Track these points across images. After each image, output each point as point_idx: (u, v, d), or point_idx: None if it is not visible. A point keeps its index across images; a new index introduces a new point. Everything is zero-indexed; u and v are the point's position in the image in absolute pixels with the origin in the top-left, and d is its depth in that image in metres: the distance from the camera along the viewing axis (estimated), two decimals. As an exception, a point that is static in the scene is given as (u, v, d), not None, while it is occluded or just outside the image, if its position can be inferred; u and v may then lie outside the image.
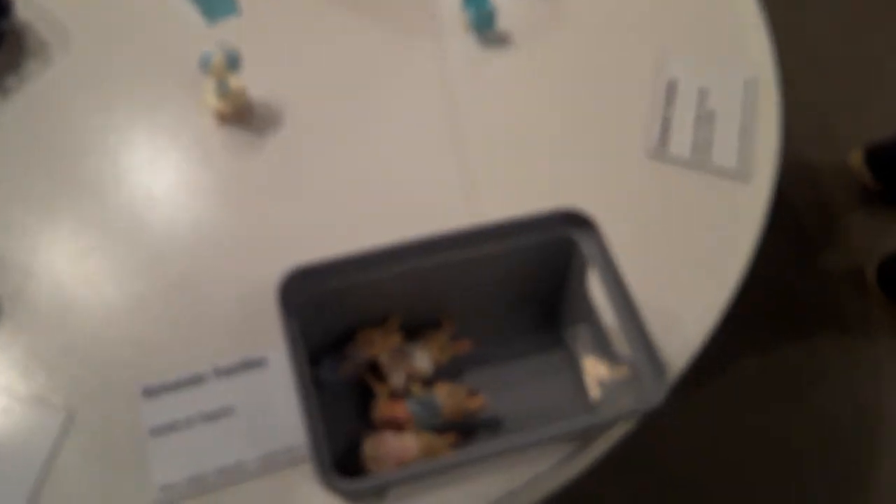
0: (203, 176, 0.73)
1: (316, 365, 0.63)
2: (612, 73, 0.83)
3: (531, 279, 0.65)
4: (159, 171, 0.73)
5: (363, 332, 0.63)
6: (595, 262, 0.60)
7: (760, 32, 0.87)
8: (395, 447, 0.58)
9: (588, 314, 0.63)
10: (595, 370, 0.64)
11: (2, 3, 0.75)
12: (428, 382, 0.63)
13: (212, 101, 0.73)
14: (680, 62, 0.83)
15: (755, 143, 0.79)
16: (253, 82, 0.75)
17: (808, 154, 1.55)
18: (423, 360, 0.63)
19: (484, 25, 0.83)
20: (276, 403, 0.63)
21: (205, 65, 0.71)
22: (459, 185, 0.74)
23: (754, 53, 0.85)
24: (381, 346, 0.62)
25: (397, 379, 0.61)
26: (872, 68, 1.68)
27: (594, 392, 0.63)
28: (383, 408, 0.61)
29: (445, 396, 0.61)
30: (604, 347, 0.62)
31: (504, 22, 0.84)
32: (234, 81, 0.73)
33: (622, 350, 0.59)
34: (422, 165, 0.75)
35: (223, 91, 0.73)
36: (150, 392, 0.64)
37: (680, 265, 0.71)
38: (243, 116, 0.75)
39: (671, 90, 0.82)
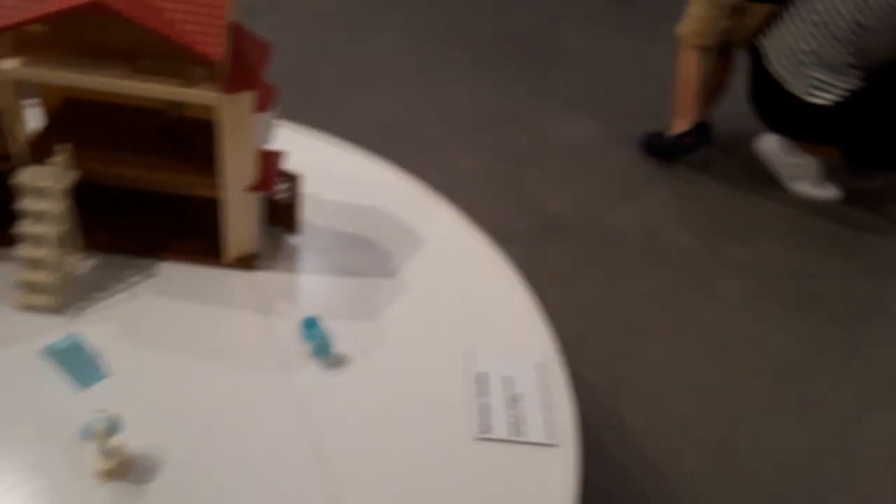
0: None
1: None
2: (433, 372, 0.97)
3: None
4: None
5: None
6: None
7: (540, 324, 1.08)
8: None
9: None
10: None
11: None
12: None
13: (93, 462, 0.79)
14: (485, 355, 1.00)
15: (556, 416, 0.94)
16: (129, 437, 0.81)
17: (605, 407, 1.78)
18: None
19: (321, 352, 0.98)
20: None
21: (87, 433, 0.79)
22: (325, 494, 0.85)
23: (539, 341, 1.05)
24: None
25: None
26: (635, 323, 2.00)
27: None
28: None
29: None
30: None
31: (338, 346, 0.98)
32: (114, 440, 0.80)
33: None
34: (288, 485, 0.84)
35: (104, 451, 0.80)
36: None
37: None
38: (123, 471, 0.81)
39: (482, 380, 0.98)
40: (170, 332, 0.98)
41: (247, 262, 1.08)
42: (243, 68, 0.93)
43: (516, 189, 2.40)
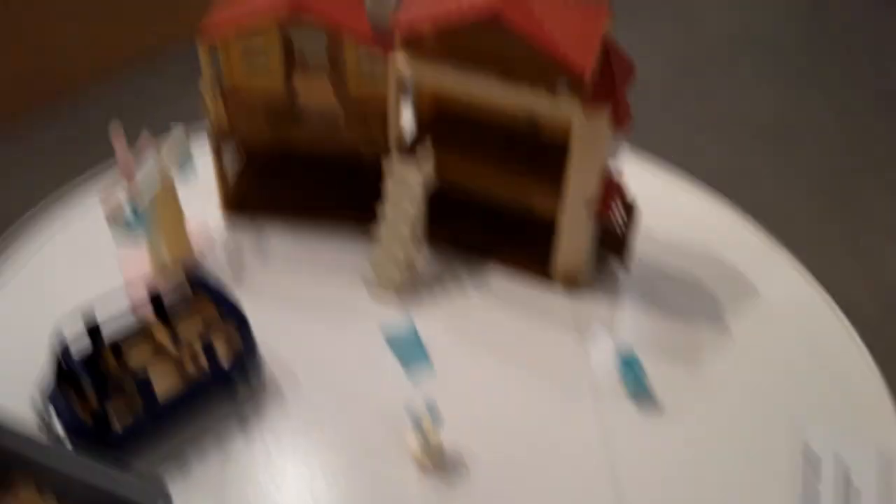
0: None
1: None
2: (755, 440, 0.89)
3: None
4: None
5: None
6: None
7: (892, 410, 0.93)
8: None
9: None
10: None
11: (256, 358, 0.91)
12: None
13: (417, 454, 0.84)
14: (817, 432, 0.89)
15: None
16: (444, 432, 0.84)
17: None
18: None
19: (637, 393, 0.94)
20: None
21: (416, 424, 0.82)
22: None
23: (889, 430, 0.91)
24: None
25: None
26: None
27: None
28: None
29: None
30: None
31: (655, 388, 0.94)
32: (434, 436, 0.83)
33: None
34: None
35: (426, 446, 0.83)
36: None
37: None
38: (439, 466, 0.85)
39: (811, 460, 0.87)
40: (491, 336, 1.00)
41: (572, 282, 1.08)
42: (606, 84, 0.91)
43: (861, 257, 2.16)
